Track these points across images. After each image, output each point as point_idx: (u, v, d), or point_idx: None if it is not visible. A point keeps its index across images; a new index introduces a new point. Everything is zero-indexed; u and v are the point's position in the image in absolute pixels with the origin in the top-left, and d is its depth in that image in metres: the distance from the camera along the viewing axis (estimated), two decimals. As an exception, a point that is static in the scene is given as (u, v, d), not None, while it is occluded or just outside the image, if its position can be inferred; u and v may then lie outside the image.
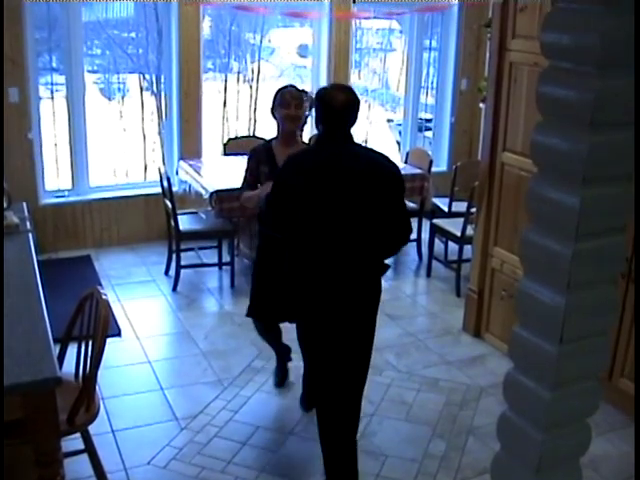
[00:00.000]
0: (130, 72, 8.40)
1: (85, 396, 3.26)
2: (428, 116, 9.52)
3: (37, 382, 2.81)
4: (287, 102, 4.48)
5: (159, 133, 8.22)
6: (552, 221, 1.79)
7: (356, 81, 9.34)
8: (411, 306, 6.45)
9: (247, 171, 4.65)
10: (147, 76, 8.30)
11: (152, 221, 7.53)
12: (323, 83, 8.19)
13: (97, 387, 3.53)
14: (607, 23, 1.63)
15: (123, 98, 8.53)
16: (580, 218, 1.71)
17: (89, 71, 7.66)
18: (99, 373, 3.41)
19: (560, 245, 1.77)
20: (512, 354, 1.99)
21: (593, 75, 1.67)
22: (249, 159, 4.66)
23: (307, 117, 4.62)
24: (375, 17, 8.92)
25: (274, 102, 4.55)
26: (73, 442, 3.64)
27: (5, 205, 4.60)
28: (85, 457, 3.66)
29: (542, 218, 1.83)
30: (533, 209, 1.84)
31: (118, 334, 5.60)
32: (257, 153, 4.65)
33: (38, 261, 4.10)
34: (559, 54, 1.73)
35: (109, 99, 8.62)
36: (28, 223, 4.60)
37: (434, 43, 9.20)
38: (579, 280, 1.78)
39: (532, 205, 1.84)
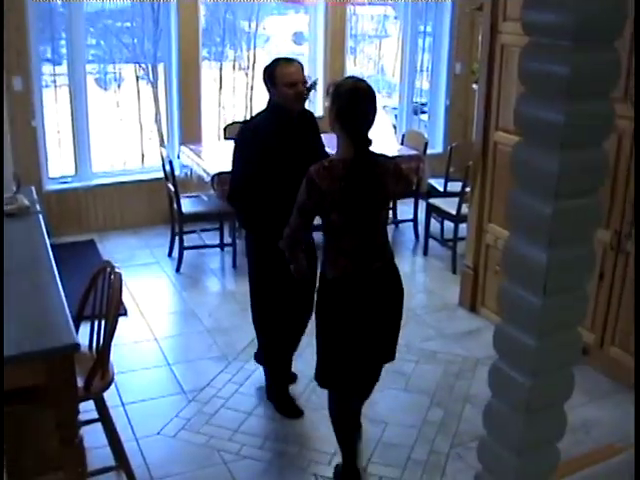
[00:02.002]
0: (126, 62, 8.51)
1: (101, 363, 3.43)
2: (423, 100, 9.66)
3: (57, 348, 2.98)
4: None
5: (156, 122, 8.36)
6: (534, 183, 1.95)
7: (352, 67, 9.46)
8: (409, 283, 6.50)
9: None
10: (143, 65, 8.42)
11: (154, 205, 7.68)
12: (320, 70, 8.35)
13: (109, 359, 3.70)
14: (582, 1, 1.79)
15: (119, 87, 8.65)
16: (559, 180, 1.88)
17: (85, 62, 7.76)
18: (109, 350, 3.60)
19: (541, 205, 1.93)
20: (501, 308, 2.16)
21: (570, 49, 1.83)
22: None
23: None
24: (370, 3, 9.06)
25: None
26: (86, 415, 3.80)
27: (14, 189, 4.75)
28: (98, 429, 3.82)
29: (525, 181, 1.99)
30: (517, 173, 2.01)
31: (125, 314, 5.76)
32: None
33: (44, 245, 4.27)
34: (538, 31, 1.89)
35: (105, 89, 8.74)
36: (37, 205, 4.75)
37: (429, 28, 9.33)
38: (559, 237, 1.95)
39: (516, 169, 2.01)
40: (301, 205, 3.52)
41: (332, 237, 3.58)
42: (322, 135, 4.48)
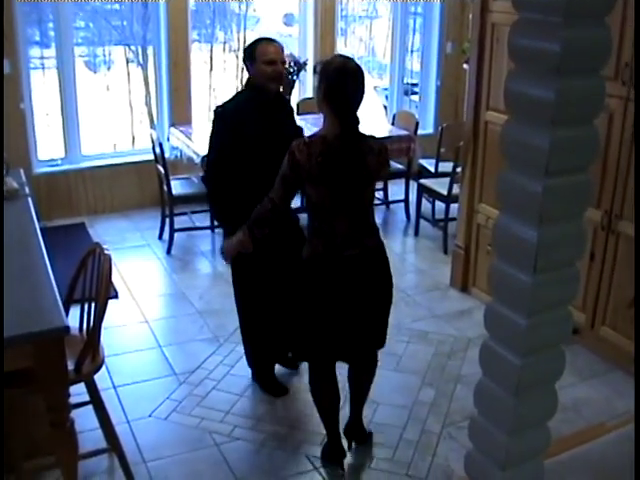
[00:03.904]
0: (115, 44, 8.47)
1: (91, 346, 3.42)
2: (414, 81, 9.64)
3: (47, 331, 2.97)
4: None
5: (146, 104, 8.33)
6: (524, 161, 1.94)
7: (342, 49, 9.42)
8: (400, 264, 6.62)
9: None
10: (133, 48, 8.38)
11: (145, 188, 7.65)
12: (310, 52, 8.31)
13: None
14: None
15: (109, 70, 8.62)
16: (549, 157, 1.87)
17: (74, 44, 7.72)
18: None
19: (532, 182, 1.93)
20: (491, 287, 2.15)
21: (560, 25, 1.81)
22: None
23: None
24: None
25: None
26: (77, 398, 3.79)
27: (4, 172, 4.72)
28: (89, 412, 3.80)
29: (516, 159, 1.98)
30: (507, 151, 2.00)
31: (115, 296, 5.75)
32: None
33: (34, 229, 4.25)
34: (528, 7, 1.88)
35: (94, 72, 8.70)
36: (27, 188, 4.73)
37: (419, 8, 9.29)
38: (550, 215, 1.94)
39: (506, 147, 2.00)
40: (282, 175, 3.55)
41: (310, 215, 3.64)
42: (312, 116, 4.46)
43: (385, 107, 9.87)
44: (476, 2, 5.41)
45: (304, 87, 8.44)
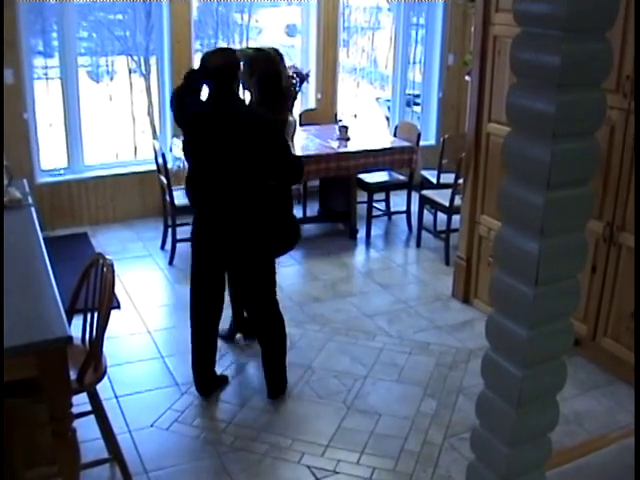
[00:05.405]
0: (118, 54, 8.50)
1: (94, 356, 3.43)
2: (416, 92, 9.68)
3: (49, 341, 2.98)
4: None
5: (149, 114, 8.35)
6: (526, 173, 1.95)
7: (345, 60, 9.45)
8: (402, 275, 6.63)
9: None
10: (135, 58, 8.41)
11: (147, 198, 7.68)
12: (312, 62, 8.34)
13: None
14: (574, -9, 1.80)
15: (112, 80, 8.64)
16: (551, 170, 1.88)
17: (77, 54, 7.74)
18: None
19: (533, 195, 1.93)
20: (493, 298, 2.16)
21: (561, 39, 1.82)
22: None
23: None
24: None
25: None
26: (79, 408, 3.80)
27: (7, 181, 4.74)
28: (91, 422, 3.82)
29: (517, 171, 1.99)
30: (508, 163, 2.01)
31: (118, 307, 5.76)
32: None
33: (37, 238, 4.27)
34: (530, 20, 1.89)
35: (97, 82, 8.72)
36: (30, 198, 4.74)
37: (422, 20, 9.33)
38: (551, 227, 1.95)
39: (507, 160, 2.01)
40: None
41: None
42: (314, 127, 4.62)
43: (387, 118, 9.89)
44: (478, 14, 5.43)
45: (306, 98, 8.46)
